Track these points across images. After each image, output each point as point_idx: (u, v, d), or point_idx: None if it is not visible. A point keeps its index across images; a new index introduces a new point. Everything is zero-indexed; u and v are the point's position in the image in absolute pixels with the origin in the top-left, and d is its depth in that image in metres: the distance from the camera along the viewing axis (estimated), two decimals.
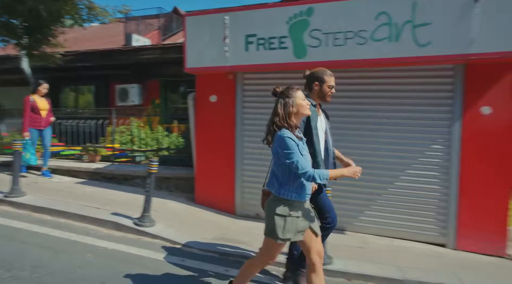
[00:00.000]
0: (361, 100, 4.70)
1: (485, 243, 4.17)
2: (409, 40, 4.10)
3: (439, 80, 4.37)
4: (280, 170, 2.48)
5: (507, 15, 3.80)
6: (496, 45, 3.83)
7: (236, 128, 5.32)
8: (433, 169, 4.38)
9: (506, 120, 4.06)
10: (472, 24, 3.89)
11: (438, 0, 4.02)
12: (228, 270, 3.60)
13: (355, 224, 4.76)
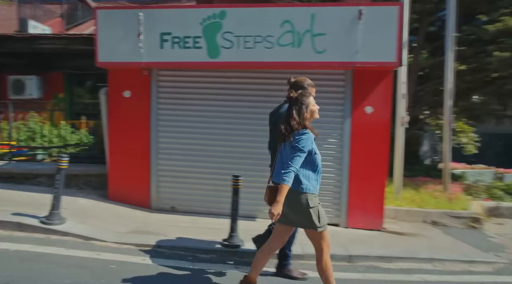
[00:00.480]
0: (268, 99, 5.16)
1: (368, 220, 5.02)
2: (309, 47, 4.71)
3: (334, 83, 5.08)
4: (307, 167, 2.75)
5: (379, 33, 4.62)
6: (375, 56, 4.65)
7: (151, 124, 5.38)
8: (329, 160, 5.07)
9: (383, 117, 4.94)
10: (357, 37, 4.64)
11: (331, 15, 4.70)
12: (145, 259, 3.72)
13: (264, 211, 5.20)
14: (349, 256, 4.02)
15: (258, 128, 5.19)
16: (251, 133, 5.23)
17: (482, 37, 7.76)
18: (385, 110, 4.92)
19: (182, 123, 5.39)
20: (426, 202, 6.24)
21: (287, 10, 4.78)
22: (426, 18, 9.05)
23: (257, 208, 5.22)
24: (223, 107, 5.30)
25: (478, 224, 5.81)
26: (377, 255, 4.07)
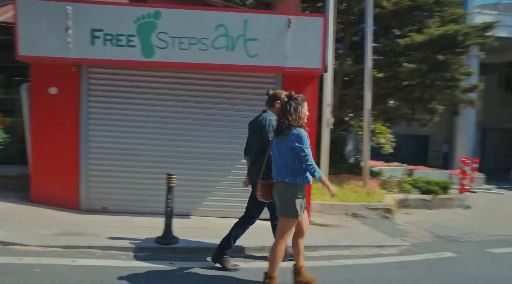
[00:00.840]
0: (203, 100, 5.35)
1: None
2: (242, 51, 4.95)
3: (265, 85, 5.36)
4: (295, 163, 2.99)
5: (306, 41, 5.04)
6: (302, 62, 5.06)
7: (81, 122, 5.19)
8: None
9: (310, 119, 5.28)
10: (287, 44, 5.01)
11: (263, 21, 5.01)
12: (75, 260, 3.63)
13: (199, 209, 5.38)
14: None
15: (193, 128, 5.33)
16: (185, 132, 5.33)
17: (395, 49, 8.76)
18: (312, 112, 5.33)
19: (115, 122, 5.29)
20: (348, 196, 6.89)
21: (221, 14, 4.97)
22: (350, 28, 9.92)
23: (192, 206, 5.34)
24: (158, 107, 5.31)
25: (390, 214, 6.60)
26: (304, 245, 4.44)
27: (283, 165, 3.06)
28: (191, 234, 4.49)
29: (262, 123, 3.66)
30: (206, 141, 5.33)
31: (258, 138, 3.68)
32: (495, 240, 5.69)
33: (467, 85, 9.28)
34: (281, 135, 3.06)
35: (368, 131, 7.92)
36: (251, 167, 3.80)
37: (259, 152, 3.63)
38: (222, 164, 5.35)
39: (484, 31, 8.11)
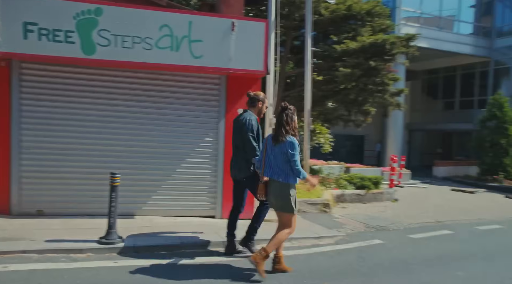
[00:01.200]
0: (148, 99, 5.32)
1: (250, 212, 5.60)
2: (187, 52, 5.02)
3: (210, 86, 5.52)
4: (287, 165, 3.48)
5: (249, 44, 5.27)
6: (246, 64, 5.27)
7: (12, 121, 4.88)
8: (205, 157, 5.49)
9: None
10: (230, 46, 5.18)
11: (208, 24, 5.13)
12: (7, 266, 3.45)
13: (143, 208, 5.34)
14: (223, 242, 4.48)
15: (136, 127, 5.28)
16: (128, 132, 5.27)
17: (332, 55, 9.38)
18: None
19: (52, 121, 5.05)
20: None
21: (165, 15, 4.99)
22: (291, 33, 10.39)
23: (136, 206, 5.28)
24: (99, 106, 5.18)
25: (328, 209, 7.08)
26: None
27: (277, 166, 3.56)
28: (136, 233, 4.47)
29: (243, 122, 4.01)
30: (149, 140, 5.31)
31: (239, 136, 4.05)
32: (416, 227, 6.41)
33: (395, 89, 10.23)
34: (278, 142, 3.53)
35: (308, 131, 8.38)
36: (232, 162, 4.24)
37: (241, 149, 4.05)
38: (167, 163, 5.37)
39: (407, 42, 9.03)
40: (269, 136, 3.77)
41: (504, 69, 19.81)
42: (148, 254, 4.03)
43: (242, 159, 4.08)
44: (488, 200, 11.14)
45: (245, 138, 3.95)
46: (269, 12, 6.85)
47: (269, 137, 3.75)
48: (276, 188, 3.57)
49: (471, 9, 20.33)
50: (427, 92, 24.03)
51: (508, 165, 15.75)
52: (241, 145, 4.03)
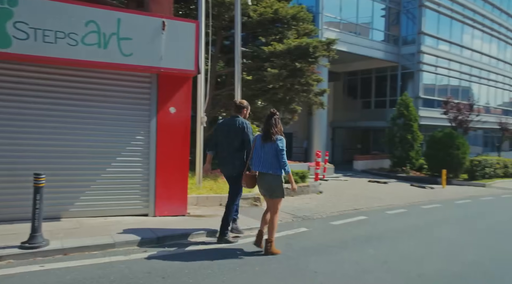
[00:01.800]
0: (76, 97, 5.12)
1: (174, 208, 5.70)
2: (115, 49, 4.95)
3: (141, 84, 5.50)
4: (276, 160, 4.17)
5: (180, 44, 5.38)
6: (177, 63, 5.36)
7: None
8: (136, 155, 5.46)
9: (184, 117, 5.72)
10: (161, 45, 5.23)
11: (137, 22, 5.11)
12: None
13: (70, 210, 5.13)
14: (157, 238, 4.55)
15: (62, 126, 5.06)
16: (52, 131, 5.02)
17: (261, 55, 9.83)
18: (186, 110, 5.72)
19: None
20: (222, 189, 7.49)
21: (92, 10, 4.86)
22: (221, 33, 10.62)
23: (62, 207, 5.06)
24: (18, 103, 4.85)
25: (259, 202, 7.46)
26: (181, 233, 4.79)
27: (267, 161, 4.23)
28: (64, 235, 4.32)
29: (243, 126, 4.59)
30: (77, 139, 5.11)
31: (235, 138, 4.59)
32: (337, 215, 7.11)
33: (318, 89, 11.06)
34: (269, 140, 4.23)
35: None
36: (225, 160, 4.69)
37: (236, 148, 4.59)
38: (96, 162, 5.23)
39: (328, 46, 9.85)
40: (258, 136, 4.42)
41: (409, 73, 22.44)
42: (78, 255, 3.95)
43: (236, 157, 4.61)
44: (397, 189, 12.63)
45: (246, 140, 4.57)
46: (199, 12, 6.99)
47: (258, 137, 4.41)
48: (268, 179, 4.27)
49: (383, 19, 22.59)
50: (348, 93, 26.14)
51: (413, 157, 17.93)
52: (238, 144, 4.58)
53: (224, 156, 4.72)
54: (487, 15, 27.56)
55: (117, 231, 4.66)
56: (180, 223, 5.42)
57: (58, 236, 4.26)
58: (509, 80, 31.59)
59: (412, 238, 5.61)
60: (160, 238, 4.57)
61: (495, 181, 17.45)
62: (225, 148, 4.68)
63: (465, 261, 4.55)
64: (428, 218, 7.53)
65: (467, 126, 18.81)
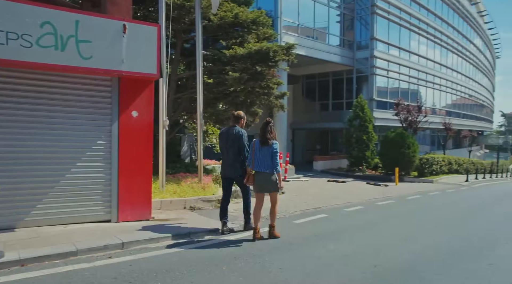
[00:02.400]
0: (32, 101, 4.92)
1: (138, 212, 5.63)
2: (74, 52, 4.82)
3: (102, 88, 5.39)
4: (271, 161, 4.99)
5: (142, 47, 5.35)
6: (139, 67, 5.32)
7: None
8: (98, 160, 5.34)
9: (147, 121, 5.67)
10: (122, 48, 5.17)
11: (97, 24, 5.01)
12: None
13: (26, 220, 4.91)
14: (121, 243, 4.49)
15: (17, 131, 4.84)
16: (5, 136, 4.77)
17: (222, 59, 9.91)
18: (148, 114, 5.68)
19: None
20: (186, 192, 7.48)
21: (47, 11, 4.70)
22: (182, 36, 10.56)
23: (17, 217, 4.83)
24: None
25: None
26: (146, 238, 4.75)
27: (264, 162, 5.05)
28: (20, 246, 4.13)
29: (240, 134, 5.36)
30: (33, 145, 4.91)
31: (233, 144, 5.34)
32: (299, 214, 7.37)
33: (279, 92, 11.33)
34: (266, 145, 5.04)
35: (201, 132, 8.72)
36: (227, 164, 5.46)
37: (235, 153, 5.36)
38: (55, 169, 5.05)
39: (287, 50, 10.14)
40: (256, 141, 5.17)
41: (363, 76, 23.58)
42: (37, 265, 3.81)
43: (236, 161, 5.37)
44: (354, 187, 13.25)
45: (241, 146, 5.32)
46: (159, 15, 6.96)
47: (256, 141, 5.17)
48: (266, 177, 5.06)
49: (338, 24, 23.55)
50: (306, 95, 26.91)
51: (369, 157, 18.85)
52: (236, 149, 5.34)
53: (225, 160, 5.48)
54: (431, 23, 29.68)
55: (79, 238, 4.54)
56: (144, 227, 5.37)
57: (14, 247, 4.07)
58: (451, 84, 34.18)
59: (369, 233, 5.97)
60: (125, 243, 4.51)
61: (441, 177, 18.83)
62: (226, 153, 5.44)
63: (415, 250, 4.95)
64: (383, 213, 8.02)
65: (416, 127, 20.09)
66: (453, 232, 6.27)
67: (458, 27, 35.81)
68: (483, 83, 45.92)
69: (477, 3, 43.34)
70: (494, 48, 54.54)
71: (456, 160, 22.42)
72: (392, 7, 24.53)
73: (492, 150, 53.52)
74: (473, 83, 41.26)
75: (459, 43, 35.78)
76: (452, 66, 34.60)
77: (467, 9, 37.97)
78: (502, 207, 10.00)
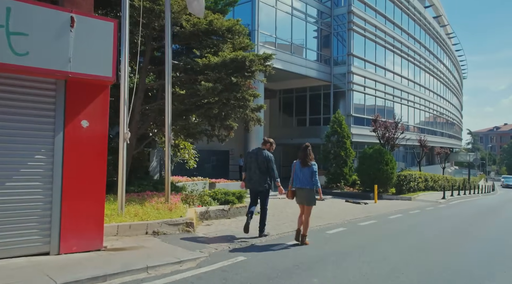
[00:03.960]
0: None
1: (86, 242, 4.69)
2: (4, 46, 3.95)
3: (42, 92, 4.50)
4: (311, 179, 5.99)
5: (95, 45, 4.54)
6: (90, 68, 4.49)
7: None
8: (35, 179, 4.40)
9: (100, 132, 4.81)
10: (70, 45, 4.34)
11: (36, 14, 4.17)
12: None
13: None
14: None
15: None
16: None
17: (195, 68, 9.17)
18: (102, 124, 4.82)
19: None
20: (149, 214, 6.56)
21: None
22: (151, 44, 9.78)
23: None
24: None
25: (191, 228, 6.65)
26: (89, 277, 3.83)
27: (306, 180, 6.02)
28: None
29: (269, 158, 6.40)
30: None
31: (263, 164, 6.36)
32: (277, 238, 6.60)
33: (255, 105, 10.66)
34: (306, 166, 6.05)
35: (169, 146, 7.88)
36: (257, 180, 6.42)
37: (263, 172, 6.38)
38: None
39: (265, 61, 9.54)
40: (296, 162, 6.26)
41: (341, 92, 23.46)
42: None
43: (262, 178, 6.40)
44: (334, 206, 12.63)
45: (269, 167, 6.37)
46: (122, 13, 6.18)
47: (297, 163, 6.24)
48: (306, 192, 6.08)
49: (315, 39, 23.48)
50: (284, 110, 26.51)
51: (347, 173, 18.42)
52: (264, 169, 6.37)
53: (252, 176, 6.44)
54: (404, 42, 30.35)
55: None
56: (92, 261, 4.43)
57: None
58: (424, 102, 34.92)
59: (354, 260, 5.27)
60: None
61: (418, 194, 18.63)
62: (253, 170, 6.42)
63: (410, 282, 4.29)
64: (367, 236, 7.38)
65: (393, 143, 19.96)
66: (444, 260, 5.68)
67: (430, 47, 36.96)
68: (453, 102, 47.47)
69: (445, 26, 45.23)
70: (462, 69, 56.94)
71: (432, 177, 22.44)
72: (368, 24, 24.81)
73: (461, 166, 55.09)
74: (444, 102, 42.51)
75: (430, 62, 36.86)
76: (425, 84, 35.46)
77: (437, 31, 39.41)
78: (482, 228, 9.64)
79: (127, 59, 6.27)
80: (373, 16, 25.63)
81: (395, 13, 28.77)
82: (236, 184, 14.40)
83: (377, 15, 26.14)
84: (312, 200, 6.04)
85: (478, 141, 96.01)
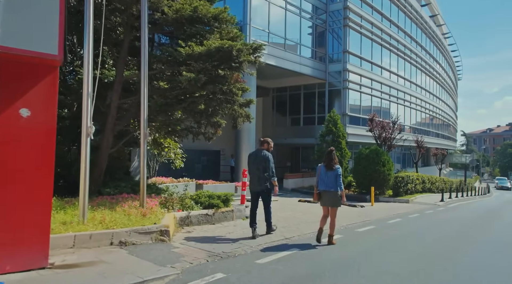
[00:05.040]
0: None
1: (24, 259, 3.80)
2: None
3: None
4: (335, 181, 6.18)
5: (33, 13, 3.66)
6: (27, 43, 3.61)
7: None
8: None
9: (47, 124, 3.92)
10: None
11: None
12: None
13: None
14: None
15: None
16: None
17: (177, 58, 8.30)
18: (49, 114, 3.94)
19: None
20: (117, 221, 5.68)
21: None
22: (130, 32, 8.90)
23: None
24: None
25: (166, 236, 5.78)
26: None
27: (330, 182, 6.17)
28: None
29: (267, 157, 6.57)
30: None
31: (262, 164, 6.49)
32: (265, 247, 5.75)
33: (244, 100, 9.80)
34: (331, 169, 6.22)
35: (145, 143, 7.02)
36: (257, 180, 6.51)
37: (262, 172, 6.49)
38: None
39: (254, 51, 8.72)
40: (321, 166, 6.36)
41: (336, 90, 22.70)
42: None
43: (262, 178, 6.44)
44: None
45: (267, 167, 6.48)
46: None
47: (322, 166, 6.35)
48: (331, 195, 6.16)
49: (310, 36, 22.71)
50: (277, 109, 25.67)
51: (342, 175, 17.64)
52: (262, 169, 6.44)
53: (253, 177, 6.56)
54: (401, 40, 29.72)
55: None
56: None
57: None
58: (420, 102, 34.34)
59: (354, 275, 4.45)
60: None
61: (416, 196, 17.92)
62: (254, 171, 6.56)
63: None
64: (365, 245, 6.58)
65: (390, 144, 19.24)
66: (453, 272, 4.88)
67: (426, 46, 36.44)
68: (448, 103, 47.07)
69: (441, 25, 44.80)
70: (457, 70, 56.66)
71: (429, 179, 21.79)
72: (364, 21, 24.11)
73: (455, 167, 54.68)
74: (440, 102, 42.04)
75: (426, 61, 36.33)
76: (421, 84, 34.91)
77: (433, 30, 38.93)
78: (488, 232, 8.90)
79: (91, 40, 5.41)
80: (370, 13, 24.95)
81: (392, 10, 28.14)
82: (225, 185, 13.54)
83: (373, 12, 25.46)
84: (337, 202, 6.22)
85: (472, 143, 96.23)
